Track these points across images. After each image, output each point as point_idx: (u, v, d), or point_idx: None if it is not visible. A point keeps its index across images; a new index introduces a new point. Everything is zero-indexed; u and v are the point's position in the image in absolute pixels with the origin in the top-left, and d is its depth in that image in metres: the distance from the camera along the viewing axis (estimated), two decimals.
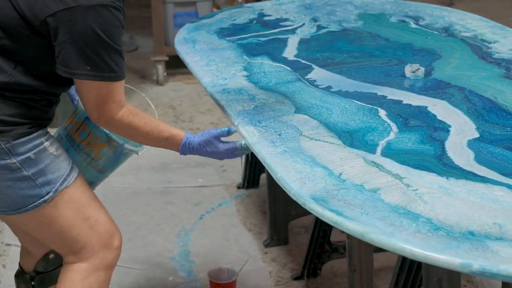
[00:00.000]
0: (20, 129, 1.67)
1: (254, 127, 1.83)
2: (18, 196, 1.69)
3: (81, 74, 1.63)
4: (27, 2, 1.60)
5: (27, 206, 1.70)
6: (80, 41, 1.59)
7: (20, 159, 1.67)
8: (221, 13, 2.88)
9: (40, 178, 1.70)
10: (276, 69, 2.26)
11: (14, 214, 1.72)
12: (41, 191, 1.71)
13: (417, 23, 2.70)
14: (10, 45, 1.64)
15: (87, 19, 1.58)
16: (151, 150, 3.61)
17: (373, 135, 1.77)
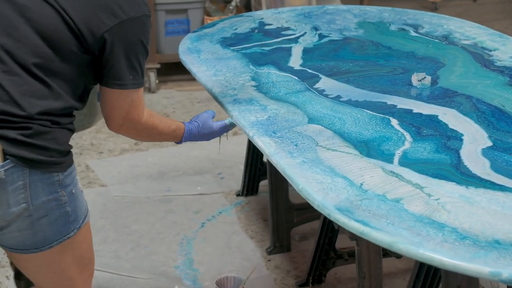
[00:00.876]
0: (67, 159, 1.64)
1: (270, 138, 1.85)
2: (54, 231, 1.64)
3: (129, 84, 1.66)
4: (83, 20, 1.58)
5: (55, 241, 1.65)
6: (130, 52, 1.63)
7: (67, 191, 1.64)
8: (221, 22, 2.90)
9: (73, 215, 1.67)
10: (284, 78, 2.28)
11: (33, 252, 1.64)
12: (70, 227, 1.67)
13: (417, 31, 2.73)
14: (61, 68, 1.59)
15: (135, 30, 1.62)
16: (148, 159, 3.64)
17: (388, 145, 1.80)
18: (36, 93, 1.56)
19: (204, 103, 4.33)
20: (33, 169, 1.56)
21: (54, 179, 1.60)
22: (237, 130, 3.93)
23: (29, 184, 1.57)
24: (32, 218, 1.60)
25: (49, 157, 1.58)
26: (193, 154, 3.67)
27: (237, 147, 3.74)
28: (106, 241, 2.89)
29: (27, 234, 1.61)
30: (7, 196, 1.56)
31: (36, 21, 1.56)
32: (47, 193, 1.60)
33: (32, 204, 1.58)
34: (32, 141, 1.55)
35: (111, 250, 2.83)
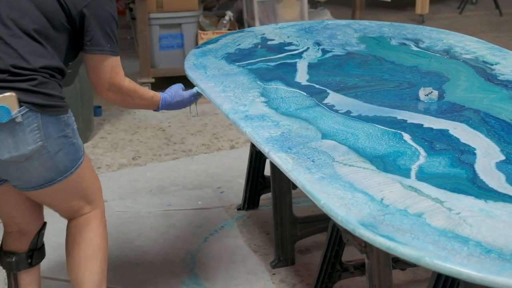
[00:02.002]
0: (66, 104, 1.99)
1: (286, 154, 1.87)
2: (70, 160, 2.00)
3: (107, 50, 2.01)
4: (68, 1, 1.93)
5: (74, 167, 2.02)
6: (105, 23, 1.98)
7: (71, 128, 2.00)
8: (224, 38, 2.92)
9: (78, 143, 2.04)
10: (292, 94, 2.30)
11: (61, 181, 2.00)
12: (80, 153, 2.05)
13: (418, 45, 2.78)
14: (53, 34, 1.93)
15: (106, 6, 1.99)
16: (147, 174, 3.64)
17: (403, 160, 1.82)
18: (36, 52, 1.90)
19: (199, 117, 4.35)
20: (44, 113, 1.90)
21: (60, 120, 1.95)
22: (234, 144, 3.96)
23: (42, 125, 1.90)
24: (50, 153, 1.93)
25: (54, 102, 1.93)
26: (192, 168, 3.68)
27: (235, 160, 3.77)
28: (110, 257, 2.86)
29: (50, 167, 1.95)
30: (25, 136, 1.87)
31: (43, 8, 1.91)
32: (57, 131, 1.94)
33: (47, 141, 1.91)
34: (39, 89, 1.89)
35: (116, 266, 2.83)
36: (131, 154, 3.85)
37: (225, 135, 4.09)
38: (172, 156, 3.83)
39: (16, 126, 1.85)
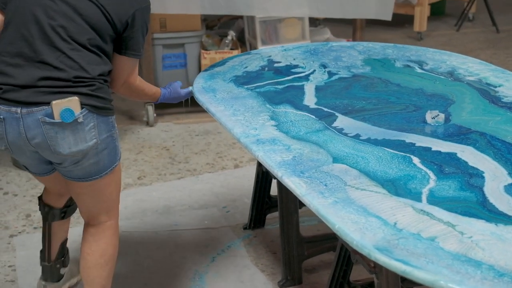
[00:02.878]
0: (113, 106, 2.26)
1: (299, 178, 1.91)
2: (110, 160, 2.26)
3: (135, 55, 2.28)
4: (114, 12, 2.17)
5: (110, 167, 2.28)
6: (142, 31, 2.25)
7: (115, 130, 2.28)
8: (231, 60, 2.97)
9: (118, 147, 2.31)
10: (302, 117, 2.35)
11: (100, 177, 2.27)
12: (117, 157, 2.31)
13: (422, 67, 2.83)
14: (103, 44, 2.19)
15: (145, 16, 2.25)
16: (153, 193, 3.67)
17: (414, 183, 1.87)
18: (94, 61, 2.17)
19: (202, 136, 4.39)
20: (99, 114, 2.18)
21: (109, 120, 2.23)
22: (238, 163, 4.00)
23: (97, 124, 2.18)
24: (97, 150, 2.21)
25: (106, 104, 2.21)
26: (197, 188, 3.72)
27: (239, 180, 3.80)
28: (119, 278, 2.91)
29: (93, 163, 2.23)
30: (85, 134, 2.16)
31: (86, 15, 2.14)
32: (107, 131, 2.22)
33: (99, 139, 2.20)
34: (97, 93, 2.17)
35: (124, 287, 2.86)
36: (137, 173, 3.89)
37: (229, 154, 4.13)
38: (177, 176, 3.87)
39: (78, 125, 2.13)
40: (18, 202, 3.58)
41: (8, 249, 3.15)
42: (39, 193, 3.64)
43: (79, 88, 2.13)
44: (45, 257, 2.69)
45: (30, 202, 3.57)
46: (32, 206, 3.53)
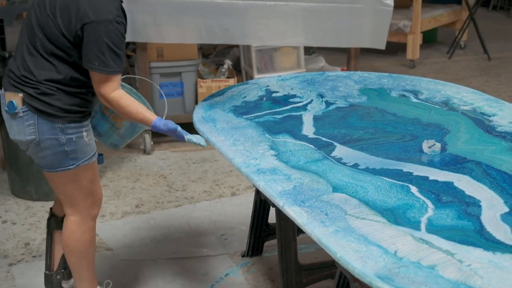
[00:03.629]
0: (73, 117, 2.48)
1: (300, 208, 1.95)
2: (56, 160, 2.51)
3: (94, 67, 2.39)
4: (65, 28, 2.38)
5: (58, 168, 2.53)
6: (92, 45, 2.36)
7: (66, 137, 2.49)
8: (230, 90, 3.02)
9: (72, 154, 2.52)
10: (301, 147, 2.39)
11: (50, 171, 2.56)
12: (69, 162, 2.53)
13: (417, 97, 2.88)
14: (61, 54, 2.41)
15: (97, 30, 2.35)
16: (151, 222, 3.70)
17: (413, 212, 1.91)
18: (44, 68, 2.43)
19: (199, 164, 4.43)
20: (40, 116, 2.44)
21: (55, 125, 2.46)
22: (234, 191, 4.03)
23: (37, 124, 2.45)
24: (40, 146, 2.49)
25: (52, 111, 2.44)
26: (195, 216, 3.75)
27: (236, 207, 3.84)
28: None
29: (40, 157, 2.53)
30: (24, 128, 2.47)
31: (45, 28, 2.42)
32: (50, 133, 2.46)
33: (38, 137, 2.46)
34: (40, 97, 2.43)
35: None
36: (134, 201, 3.92)
37: (226, 182, 4.17)
38: (174, 204, 3.90)
39: (19, 118, 2.46)
40: (17, 230, 3.60)
41: (8, 277, 3.17)
42: (38, 221, 3.67)
43: (25, 88, 2.45)
44: (47, 265, 2.86)
45: (29, 231, 3.59)
46: (31, 234, 3.55)
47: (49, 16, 2.42)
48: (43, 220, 3.69)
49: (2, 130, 3.88)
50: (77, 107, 2.51)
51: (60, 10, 2.40)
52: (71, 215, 2.68)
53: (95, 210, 2.73)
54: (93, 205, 2.70)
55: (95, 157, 2.63)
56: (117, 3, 2.40)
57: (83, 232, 2.68)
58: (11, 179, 3.98)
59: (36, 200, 3.90)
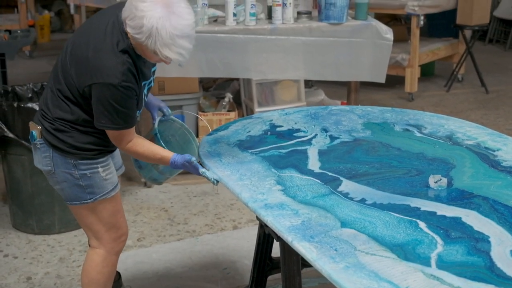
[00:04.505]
0: (85, 154, 2.56)
1: (310, 243, 1.95)
2: (73, 193, 2.61)
3: (100, 125, 2.47)
4: (76, 78, 2.44)
5: (76, 202, 2.62)
6: (99, 104, 2.41)
7: (80, 173, 2.57)
8: (234, 124, 3.03)
9: (88, 189, 2.60)
10: (307, 182, 2.40)
11: (70, 204, 2.65)
12: (86, 196, 2.61)
13: (421, 131, 2.90)
14: (73, 99, 2.48)
15: (102, 92, 2.38)
16: (153, 255, 3.68)
17: (422, 248, 1.91)
18: (59, 107, 2.52)
19: (200, 197, 4.42)
20: (54, 150, 2.55)
21: (68, 161, 2.55)
22: (236, 224, 4.03)
23: (52, 157, 2.56)
24: (57, 178, 2.60)
25: (64, 147, 2.54)
26: (197, 249, 3.73)
27: (239, 241, 3.83)
28: None
29: (59, 189, 2.64)
30: (41, 159, 2.60)
31: (64, 72, 2.50)
32: (64, 167, 2.56)
33: (54, 169, 2.58)
34: (54, 133, 2.53)
35: None
36: (136, 235, 3.90)
37: (227, 215, 4.16)
38: (176, 237, 3.89)
39: (37, 149, 2.60)
40: (19, 264, 3.58)
41: None
42: (40, 255, 3.65)
43: (43, 121, 2.57)
44: None
45: (31, 265, 3.57)
46: (32, 268, 3.53)
47: (67, 64, 2.48)
48: (45, 254, 3.67)
49: (4, 163, 3.88)
50: (92, 145, 2.56)
51: (75, 63, 2.45)
52: (96, 247, 2.73)
53: (119, 245, 2.76)
54: (118, 239, 2.74)
55: (114, 191, 2.67)
56: (125, 67, 2.37)
57: (105, 266, 2.72)
58: (12, 213, 3.97)
59: (37, 234, 3.88)
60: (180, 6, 2.31)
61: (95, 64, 2.38)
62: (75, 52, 2.46)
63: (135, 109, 2.48)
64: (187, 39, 2.32)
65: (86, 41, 2.44)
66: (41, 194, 3.80)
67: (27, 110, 3.64)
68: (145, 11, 2.27)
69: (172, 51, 2.30)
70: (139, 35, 2.30)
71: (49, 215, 3.85)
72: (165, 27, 2.26)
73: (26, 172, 3.76)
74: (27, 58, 8.30)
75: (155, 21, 2.25)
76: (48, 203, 3.82)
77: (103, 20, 2.46)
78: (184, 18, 2.29)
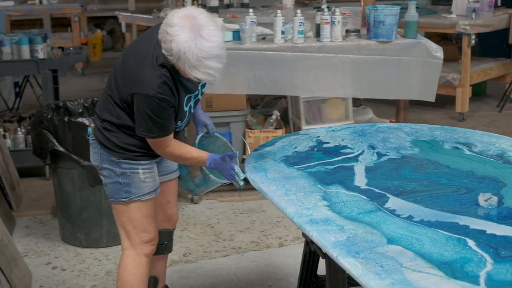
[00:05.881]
0: (128, 154, 2.70)
1: (355, 259, 1.92)
2: (113, 190, 2.76)
3: (138, 132, 2.60)
4: (121, 86, 2.60)
5: (114, 199, 2.77)
6: (138, 114, 2.55)
7: (121, 171, 2.72)
8: (280, 140, 3.02)
9: (126, 187, 2.73)
10: (353, 198, 2.37)
11: (110, 201, 2.80)
12: (123, 194, 2.74)
13: (471, 149, 2.84)
14: (120, 104, 2.63)
15: (139, 102, 2.53)
16: (198, 271, 3.68)
17: (471, 266, 1.87)
18: (108, 109, 2.68)
19: (247, 214, 4.42)
20: (101, 147, 2.71)
21: (112, 158, 2.71)
22: (282, 242, 4.01)
23: (100, 153, 2.74)
24: (102, 174, 2.77)
25: (109, 145, 2.69)
26: (242, 266, 3.72)
27: (284, 258, 3.81)
28: None
29: (104, 184, 2.79)
30: (92, 154, 2.78)
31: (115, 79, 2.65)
32: (108, 164, 2.72)
33: (101, 165, 2.75)
34: (102, 131, 2.70)
35: None
36: (182, 250, 3.92)
37: (273, 232, 4.15)
38: (222, 253, 3.89)
39: (90, 144, 2.78)
40: (66, 277, 3.62)
41: None
42: (87, 268, 3.69)
43: (96, 120, 2.75)
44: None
45: (78, 277, 3.61)
46: (80, 281, 3.56)
47: (118, 73, 2.65)
48: (92, 267, 3.71)
49: (55, 177, 3.95)
50: (134, 147, 2.69)
51: (123, 73, 2.62)
52: (126, 248, 2.82)
53: (149, 248, 2.83)
54: (148, 243, 2.82)
55: (150, 195, 2.76)
56: (161, 81, 2.49)
57: (136, 266, 2.80)
58: (61, 226, 4.03)
59: (85, 247, 3.93)
60: (208, 28, 2.40)
61: (136, 75, 2.53)
62: (124, 63, 2.63)
63: (171, 119, 2.59)
64: (215, 59, 2.41)
65: (134, 53, 2.60)
66: (90, 208, 3.85)
67: (77, 124, 3.70)
68: (173, 36, 2.39)
69: (200, 71, 2.41)
70: (171, 57, 2.44)
71: (97, 228, 3.90)
72: (191, 50, 2.37)
73: (75, 186, 3.82)
74: (79, 75, 8.47)
75: (182, 45, 2.37)
76: (96, 217, 3.87)
77: (153, 35, 2.57)
78: (210, 40, 2.38)
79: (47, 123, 3.80)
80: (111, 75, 2.71)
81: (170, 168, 2.94)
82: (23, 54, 4.94)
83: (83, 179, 3.75)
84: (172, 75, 2.52)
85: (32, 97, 6.71)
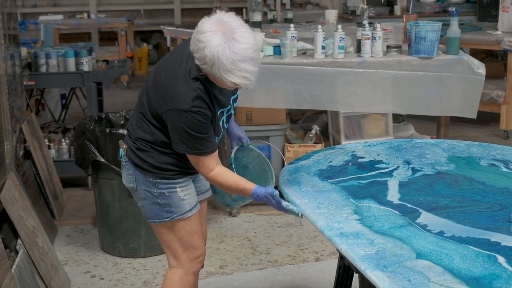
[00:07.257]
0: (164, 174, 2.65)
1: (383, 273, 1.93)
2: (152, 211, 2.71)
3: (181, 149, 2.54)
4: (155, 103, 2.55)
5: (155, 220, 2.72)
6: (175, 130, 2.50)
7: (158, 191, 2.67)
8: (316, 154, 3.04)
9: (166, 207, 2.68)
10: (385, 212, 2.37)
11: (150, 222, 2.75)
12: (164, 215, 2.69)
13: (508, 167, 2.82)
14: (153, 122, 2.59)
15: (175, 118, 2.47)
16: (234, 283, 3.70)
17: (499, 282, 1.85)
18: (141, 128, 2.64)
19: (284, 228, 4.43)
20: (136, 168, 2.67)
21: (148, 179, 2.66)
22: (319, 256, 4.01)
23: (134, 174, 2.68)
24: (139, 196, 2.71)
25: (144, 166, 2.65)
26: (278, 279, 3.74)
27: (320, 273, 3.80)
28: None
29: (141, 206, 2.75)
30: (126, 176, 2.73)
31: (147, 96, 2.60)
32: (144, 185, 2.67)
33: (136, 186, 2.69)
34: (136, 152, 2.66)
35: None
36: (218, 262, 3.95)
37: (310, 246, 4.15)
38: (258, 266, 3.91)
39: (123, 167, 2.74)
40: (104, 285, 3.69)
41: None
42: (125, 277, 3.75)
43: (128, 141, 2.70)
44: None
45: (116, 286, 3.67)
46: None
47: (150, 89, 2.59)
48: (130, 276, 3.77)
49: (95, 187, 4.03)
50: (170, 165, 2.64)
51: (155, 88, 2.56)
52: (174, 267, 2.78)
53: (196, 266, 2.79)
54: (196, 259, 2.78)
55: (192, 212, 2.72)
56: (195, 94, 2.43)
57: (182, 285, 2.76)
58: (101, 235, 4.10)
59: (124, 257, 3.99)
60: (240, 30, 2.37)
61: (169, 90, 2.47)
62: (156, 78, 2.57)
63: (211, 134, 2.51)
64: (250, 62, 2.36)
65: (166, 68, 2.54)
66: (129, 218, 3.92)
67: (118, 136, 3.77)
68: (205, 42, 2.34)
69: (236, 75, 2.36)
70: (205, 65, 2.38)
71: (136, 239, 3.96)
72: (225, 54, 2.32)
73: (115, 196, 3.89)
74: (124, 88, 8.62)
75: (215, 49, 2.32)
76: (135, 227, 3.93)
77: (184, 49, 2.53)
78: (243, 42, 2.34)
79: (89, 134, 3.88)
80: (141, 91, 2.67)
81: (204, 188, 2.89)
82: (68, 66, 5.06)
83: (123, 189, 3.81)
84: (205, 88, 2.46)
85: (78, 109, 6.86)
